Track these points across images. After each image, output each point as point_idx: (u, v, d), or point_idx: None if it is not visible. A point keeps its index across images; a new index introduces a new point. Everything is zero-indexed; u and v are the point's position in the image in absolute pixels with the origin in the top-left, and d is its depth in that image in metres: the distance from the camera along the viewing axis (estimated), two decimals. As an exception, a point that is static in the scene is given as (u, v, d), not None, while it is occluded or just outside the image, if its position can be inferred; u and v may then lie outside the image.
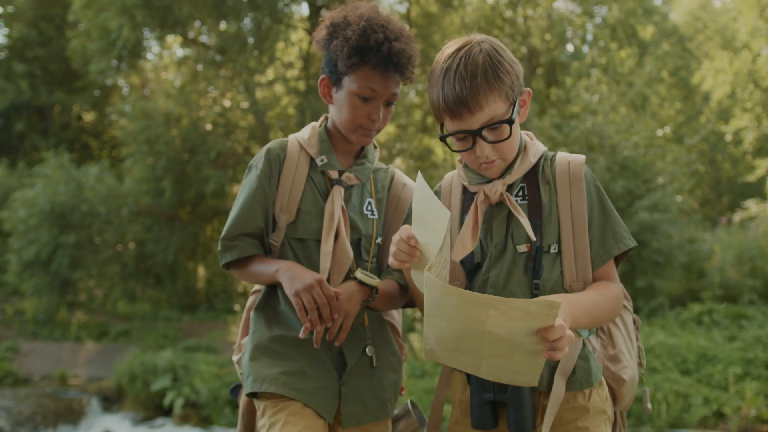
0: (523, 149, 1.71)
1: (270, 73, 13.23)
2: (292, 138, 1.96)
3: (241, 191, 1.92)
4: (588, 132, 10.04)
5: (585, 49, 17.40)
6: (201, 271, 14.17)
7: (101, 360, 9.49)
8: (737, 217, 12.62)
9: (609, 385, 1.75)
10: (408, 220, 1.88)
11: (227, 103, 12.79)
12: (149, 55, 14.21)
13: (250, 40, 11.94)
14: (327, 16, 1.85)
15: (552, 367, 1.63)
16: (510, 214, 1.67)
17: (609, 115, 10.30)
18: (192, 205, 12.95)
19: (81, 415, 7.53)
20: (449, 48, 1.65)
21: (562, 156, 1.73)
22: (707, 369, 6.75)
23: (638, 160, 9.61)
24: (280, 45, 13.35)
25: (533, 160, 1.70)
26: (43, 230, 10.51)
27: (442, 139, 1.66)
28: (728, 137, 15.95)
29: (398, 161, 12.65)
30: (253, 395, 1.84)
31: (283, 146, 1.94)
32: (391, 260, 1.55)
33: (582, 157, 1.72)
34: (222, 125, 12.25)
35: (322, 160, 1.90)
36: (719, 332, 7.69)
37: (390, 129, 12.79)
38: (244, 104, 12.69)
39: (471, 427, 1.69)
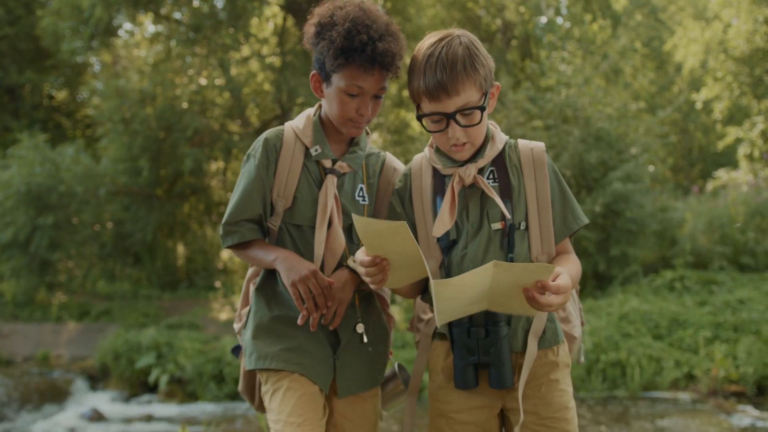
0: (491, 137, 1.89)
1: (245, 50, 13.14)
2: (288, 127, 2.05)
3: (240, 179, 2.01)
4: (562, 104, 10.16)
5: (559, 20, 17.47)
6: (180, 249, 14.15)
7: (83, 340, 9.51)
8: (709, 186, 12.89)
9: None
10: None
11: (203, 81, 12.69)
12: (120, 32, 13.98)
13: (222, 15, 11.82)
14: (315, 13, 1.92)
15: (526, 330, 1.84)
16: (483, 195, 1.85)
17: (582, 87, 10.42)
18: (169, 183, 12.90)
19: (67, 394, 7.58)
20: (431, 38, 1.81)
21: (524, 143, 1.93)
22: (678, 333, 6.99)
23: (612, 131, 9.77)
24: (254, 21, 13.24)
25: (500, 147, 1.88)
26: (20, 212, 10.43)
27: (419, 119, 1.84)
28: (699, 105, 16.19)
29: (375, 135, 12.70)
30: (264, 369, 1.98)
31: (279, 136, 2.03)
32: (372, 287, 1.72)
33: (542, 145, 1.93)
34: (198, 102, 12.18)
35: (316, 150, 2.00)
36: (690, 298, 7.93)
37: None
38: (219, 81, 12.61)
39: (454, 388, 1.85)
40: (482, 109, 1.78)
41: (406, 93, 13.56)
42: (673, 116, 16.94)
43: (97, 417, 6.81)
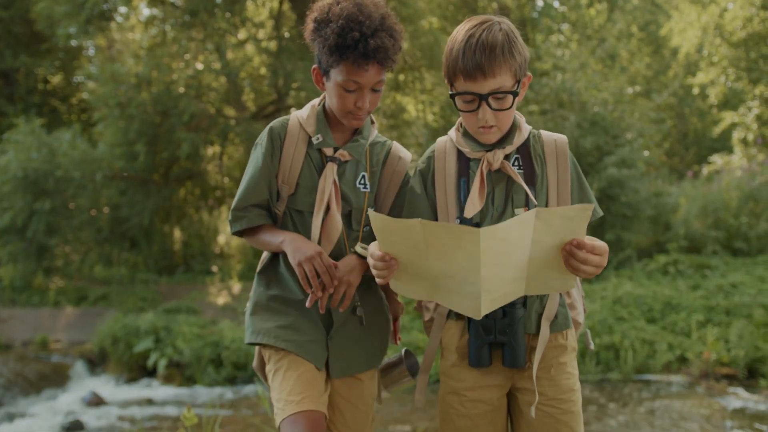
0: (518, 125, 1.96)
1: (241, 34, 13.10)
2: (293, 116, 2.12)
3: (248, 167, 2.10)
4: (558, 89, 10.18)
5: (555, 4, 17.42)
6: (177, 233, 14.19)
7: (81, 324, 9.57)
8: (704, 170, 12.94)
9: None
10: (401, 191, 2.08)
11: (199, 65, 12.65)
12: (115, 15, 13.89)
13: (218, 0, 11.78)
14: (315, 7, 1.97)
15: (539, 313, 1.92)
16: (509, 181, 1.91)
17: (578, 72, 10.43)
18: (165, 167, 12.91)
19: (66, 378, 7.65)
20: (471, 21, 1.88)
21: (547, 134, 2.00)
22: (671, 317, 7.07)
23: (607, 116, 9.80)
24: (250, 5, 13.19)
25: (525, 135, 1.96)
26: (17, 197, 10.45)
27: (452, 97, 1.89)
28: (695, 90, 16.20)
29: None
30: (256, 343, 2.08)
31: (284, 125, 2.10)
32: (378, 281, 1.75)
33: (565, 137, 2.00)
34: (194, 87, 12.15)
35: (317, 139, 2.06)
36: (683, 282, 8.01)
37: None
38: (215, 65, 12.58)
39: (467, 367, 1.93)
40: (515, 94, 1.84)
41: (402, 77, 13.56)
42: (668, 101, 16.95)
43: (96, 401, 6.88)
